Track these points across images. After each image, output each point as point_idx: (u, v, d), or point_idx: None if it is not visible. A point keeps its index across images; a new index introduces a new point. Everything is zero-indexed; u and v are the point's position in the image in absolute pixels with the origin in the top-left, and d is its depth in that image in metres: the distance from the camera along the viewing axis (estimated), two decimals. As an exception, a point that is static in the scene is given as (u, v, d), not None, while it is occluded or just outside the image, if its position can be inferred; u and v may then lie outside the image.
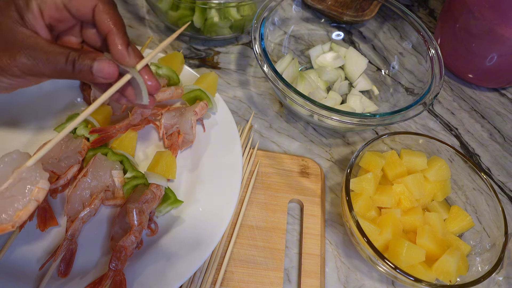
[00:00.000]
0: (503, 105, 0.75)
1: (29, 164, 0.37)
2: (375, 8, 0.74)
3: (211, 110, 0.59)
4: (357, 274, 0.53)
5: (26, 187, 0.37)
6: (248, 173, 0.57)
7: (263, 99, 0.68)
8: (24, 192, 0.37)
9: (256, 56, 0.57)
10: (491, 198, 0.52)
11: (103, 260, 0.47)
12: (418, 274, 0.46)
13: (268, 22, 0.63)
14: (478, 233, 0.53)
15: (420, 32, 0.65)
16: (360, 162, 0.55)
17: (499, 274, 0.46)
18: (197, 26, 0.68)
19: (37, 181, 0.37)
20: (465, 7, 0.67)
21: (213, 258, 0.50)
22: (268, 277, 0.50)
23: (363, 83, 0.69)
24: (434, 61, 0.62)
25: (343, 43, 0.76)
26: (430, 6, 0.89)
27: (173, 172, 0.53)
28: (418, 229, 0.51)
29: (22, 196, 0.37)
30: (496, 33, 0.64)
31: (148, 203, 0.48)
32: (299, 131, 0.66)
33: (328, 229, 0.56)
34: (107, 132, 0.53)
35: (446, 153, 0.57)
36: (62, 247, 0.45)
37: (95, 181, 0.49)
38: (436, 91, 0.58)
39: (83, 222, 0.47)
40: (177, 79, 0.60)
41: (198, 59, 0.72)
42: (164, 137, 0.56)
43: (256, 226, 0.54)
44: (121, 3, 0.78)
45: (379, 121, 0.54)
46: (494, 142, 0.70)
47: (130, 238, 0.45)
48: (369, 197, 0.53)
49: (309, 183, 0.58)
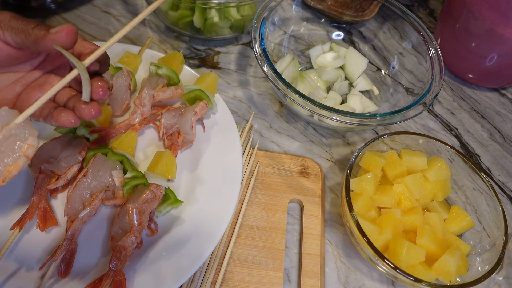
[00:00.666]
0: (503, 105, 0.75)
1: (18, 122, 0.37)
2: (375, 8, 0.74)
3: (211, 110, 0.59)
4: (357, 274, 0.53)
5: (15, 143, 0.36)
6: (248, 173, 0.57)
7: (263, 99, 0.68)
8: (14, 148, 0.37)
9: (256, 56, 0.57)
10: (491, 198, 0.52)
11: (103, 260, 0.47)
12: (418, 274, 0.46)
13: (268, 22, 0.63)
14: (478, 233, 0.53)
15: (420, 32, 0.65)
16: (360, 162, 0.55)
17: (499, 274, 0.46)
18: (197, 26, 0.68)
19: (26, 138, 0.37)
20: (465, 7, 0.67)
21: (213, 258, 0.50)
22: (268, 277, 0.50)
23: (363, 83, 0.69)
24: (434, 61, 0.62)
25: (343, 43, 0.76)
26: (430, 6, 0.89)
27: (173, 172, 0.53)
28: (418, 229, 0.51)
29: (12, 152, 0.36)
30: (496, 33, 0.64)
31: (148, 203, 0.48)
32: (299, 131, 0.66)
33: (328, 229, 0.56)
34: (107, 132, 0.53)
35: (446, 153, 0.57)
36: (62, 247, 0.45)
37: (95, 181, 0.49)
38: (436, 91, 0.58)
39: (83, 222, 0.47)
40: (177, 79, 0.60)
41: (198, 59, 0.72)
42: (164, 137, 0.56)
43: (256, 226, 0.54)
44: (121, 3, 0.78)
45: (379, 121, 0.54)
46: (494, 142, 0.70)
47: (130, 238, 0.45)
48: (369, 197, 0.53)
49: (309, 183, 0.58)
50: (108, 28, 0.73)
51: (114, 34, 0.71)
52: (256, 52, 0.58)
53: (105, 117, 0.56)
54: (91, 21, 0.74)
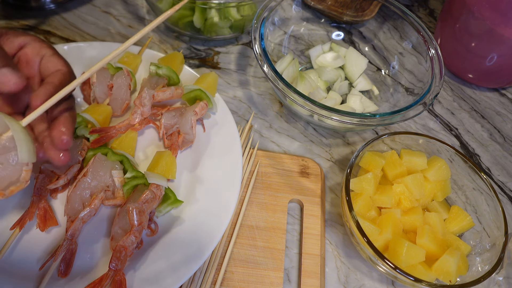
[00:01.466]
0: (503, 105, 0.75)
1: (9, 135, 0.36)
2: (375, 8, 0.74)
3: (211, 110, 0.59)
4: (357, 274, 0.53)
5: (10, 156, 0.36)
6: (248, 173, 0.57)
7: (263, 99, 0.68)
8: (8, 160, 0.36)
9: (256, 56, 0.57)
10: (491, 198, 0.52)
11: (103, 260, 0.47)
12: (418, 274, 0.46)
13: (268, 22, 0.63)
14: (478, 233, 0.53)
15: (420, 32, 0.65)
16: (360, 162, 0.55)
17: (499, 274, 0.46)
18: (197, 26, 0.68)
19: None
20: (465, 7, 0.67)
21: (213, 258, 0.50)
22: (268, 277, 0.50)
23: (363, 83, 0.69)
24: (434, 61, 0.62)
25: (343, 43, 0.76)
26: (430, 6, 0.89)
27: (173, 172, 0.53)
28: (418, 229, 0.51)
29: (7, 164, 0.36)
30: (496, 33, 0.64)
31: (148, 203, 0.48)
32: (299, 131, 0.66)
33: (328, 229, 0.56)
34: (107, 132, 0.53)
35: (446, 153, 0.57)
36: (62, 247, 0.45)
37: (95, 181, 0.49)
38: (436, 91, 0.58)
39: (83, 222, 0.47)
40: (177, 79, 0.60)
41: (198, 59, 0.72)
42: (164, 137, 0.56)
43: (256, 226, 0.54)
44: (121, 3, 0.78)
45: (379, 121, 0.54)
46: (494, 142, 0.70)
47: (130, 238, 0.45)
48: (369, 197, 0.53)
49: (309, 183, 0.58)
50: (108, 28, 0.73)
51: (114, 34, 0.72)
52: (256, 52, 0.58)
53: (105, 117, 0.56)
54: (91, 21, 0.74)
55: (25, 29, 0.70)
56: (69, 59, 0.62)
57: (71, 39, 0.70)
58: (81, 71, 0.61)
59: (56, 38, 0.70)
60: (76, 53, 0.62)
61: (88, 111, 0.55)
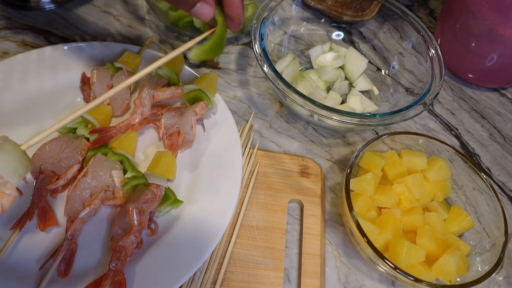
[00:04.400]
0: (503, 105, 0.75)
1: None
2: (375, 8, 0.74)
3: (211, 110, 0.59)
4: (357, 274, 0.53)
5: None
6: (248, 173, 0.57)
7: (263, 99, 0.68)
8: None
9: (256, 56, 0.57)
10: (491, 198, 0.52)
11: (103, 260, 0.47)
12: (418, 274, 0.46)
13: (268, 22, 0.63)
14: (478, 233, 0.53)
15: (420, 32, 0.65)
16: (360, 162, 0.55)
17: (499, 274, 0.46)
18: (197, 26, 0.68)
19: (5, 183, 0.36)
20: (465, 7, 0.67)
21: (213, 258, 0.50)
22: (268, 277, 0.50)
23: (363, 83, 0.69)
24: (434, 61, 0.62)
25: (343, 43, 0.76)
26: (430, 6, 0.89)
27: (173, 172, 0.53)
28: (418, 229, 0.51)
29: None
30: (496, 33, 0.64)
31: (148, 203, 0.48)
32: (299, 131, 0.66)
33: (328, 229, 0.56)
34: (107, 132, 0.53)
35: (446, 153, 0.57)
36: (62, 247, 0.45)
37: (95, 181, 0.49)
38: (436, 91, 0.58)
39: (83, 222, 0.47)
40: (177, 79, 0.60)
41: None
42: (164, 137, 0.56)
43: (256, 226, 0.54)
44: (121, 3, 0.78)
45: (379, 121, 0.54)
46: (494, 142, 0.70)
47: (130, 238, 0.45)
48: (369, 197, 0.53)
49: (309, 183, 0.58)
50: (108, 28, 0.73)
51: (114, 34, 0.72)
52: (256, 52, 0.58)
53: (105, 117, 0.56)
54: (91, 21, 0.74)
55: (25, 29, 0.70)
56: (69, 59, 0.62)
57: (71, 39, 0.70)
58: (81, 71, 0.61)
59: (56, 38, 0.70)
60: (76, 53, 0.62)
61: (88, 111, 0.55)
